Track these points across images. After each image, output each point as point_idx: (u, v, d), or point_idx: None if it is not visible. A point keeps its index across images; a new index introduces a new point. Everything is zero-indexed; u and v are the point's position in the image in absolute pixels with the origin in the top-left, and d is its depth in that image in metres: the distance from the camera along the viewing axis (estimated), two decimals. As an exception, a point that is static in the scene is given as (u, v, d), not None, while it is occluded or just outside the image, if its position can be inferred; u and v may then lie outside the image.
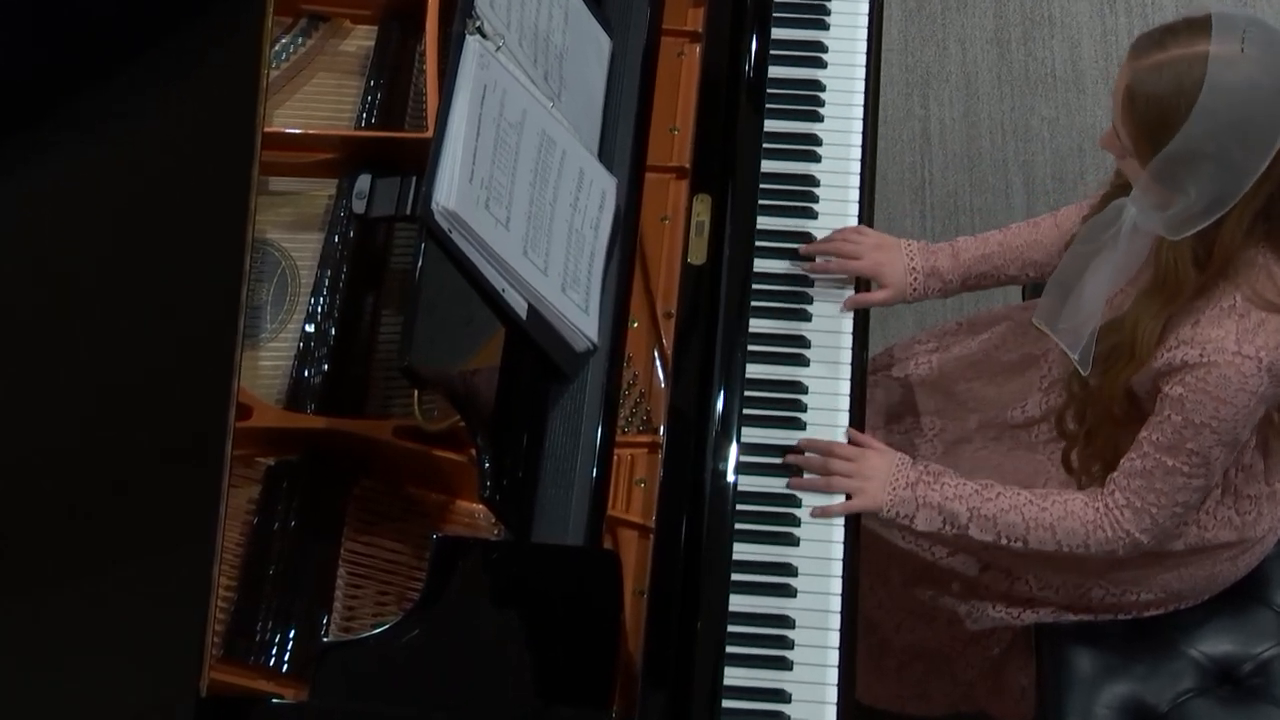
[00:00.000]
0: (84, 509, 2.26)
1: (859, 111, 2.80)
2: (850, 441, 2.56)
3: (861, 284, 2.69)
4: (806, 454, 2.54)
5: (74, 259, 2.41)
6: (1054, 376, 2.68)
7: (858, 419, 2.58)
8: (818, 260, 2.67)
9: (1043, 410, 2.69)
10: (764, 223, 2.68)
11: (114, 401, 2.31)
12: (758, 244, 2.66)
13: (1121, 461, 2.48)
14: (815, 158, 2.76)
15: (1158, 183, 2.31)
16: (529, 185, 2.38)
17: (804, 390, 2.59)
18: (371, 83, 2.71)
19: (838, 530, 2.49)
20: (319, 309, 2.55)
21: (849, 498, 2.52)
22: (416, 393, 2.43)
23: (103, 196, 2.44)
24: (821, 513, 2.50)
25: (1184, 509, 2.49)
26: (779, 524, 2.49)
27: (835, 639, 2.42)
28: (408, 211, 2.45)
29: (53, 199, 2.45)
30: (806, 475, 2.53)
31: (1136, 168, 2.33)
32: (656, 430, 2.46)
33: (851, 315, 2.65)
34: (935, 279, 2.69)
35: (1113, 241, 2.43)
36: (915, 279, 2.68)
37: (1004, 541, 2.53)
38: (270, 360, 2.53)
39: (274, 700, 2.25)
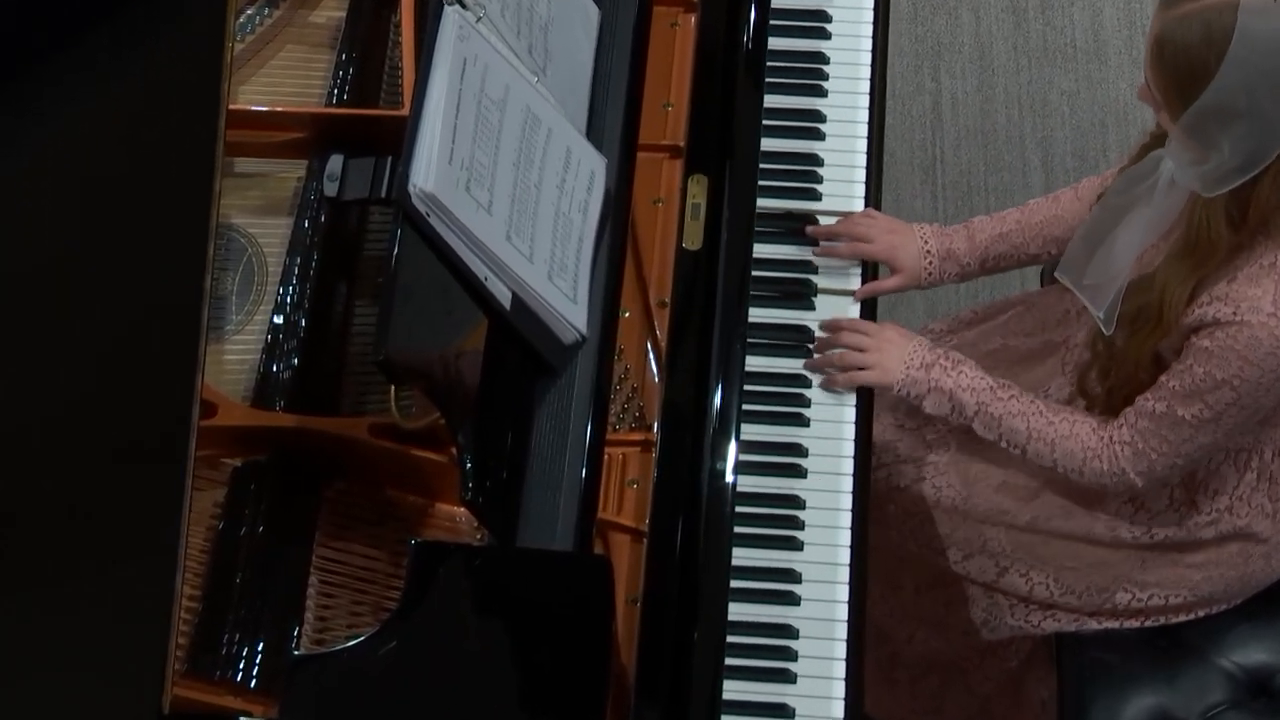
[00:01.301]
0: (33, 514, 2.25)
1: (865, 85, 2.80)
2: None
3: (868, 273, 2.70)
4: (823, 335, 2.61)
5: (24, 248, 2.40)
6: (1077, 359, 2.69)
7: (864, 414, 2.59)
8: (826, 244, 2.67)
9: (1068, 395, 2.70)
10: (764, 205, 2.68)
11: (67, 400, 2.31)
12: (757, 228, 2.65)
13: (1137, 399, 2.51)
14: (819, 135, 2.76)
15: (1189, 138, 2.33)
16: (512, 166, 2.38)
17: (807, 384, 2.59)
18: (343, 56, 2.71)
19: (844, 534, 2.49)
20: (288, 299, 2.54)
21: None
22: (393, 388, 2.43)
23: (53, 181, 2.43)
24: (829, 382, 2.57)
25: (1186, 462, 2.52)
26: (781, 527, 2.49)
27: (842, 650, 2.42)
28: (383, 194, 2.45)
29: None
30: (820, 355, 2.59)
31: (1170, 121, 2.35)
32: (650, 427, 2.45)
33: (859, 303, 2.65)
34: (951, 262, 2.70)
35: (1147, 195, 2.45)
36: (930, 262, 2.70)
37: (1003, 444, 2.59)
38: (236, 354, 2.53)
39: (241, 718, 2.25)
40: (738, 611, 2.41)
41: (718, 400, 2.50)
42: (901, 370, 2.57)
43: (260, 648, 2.32)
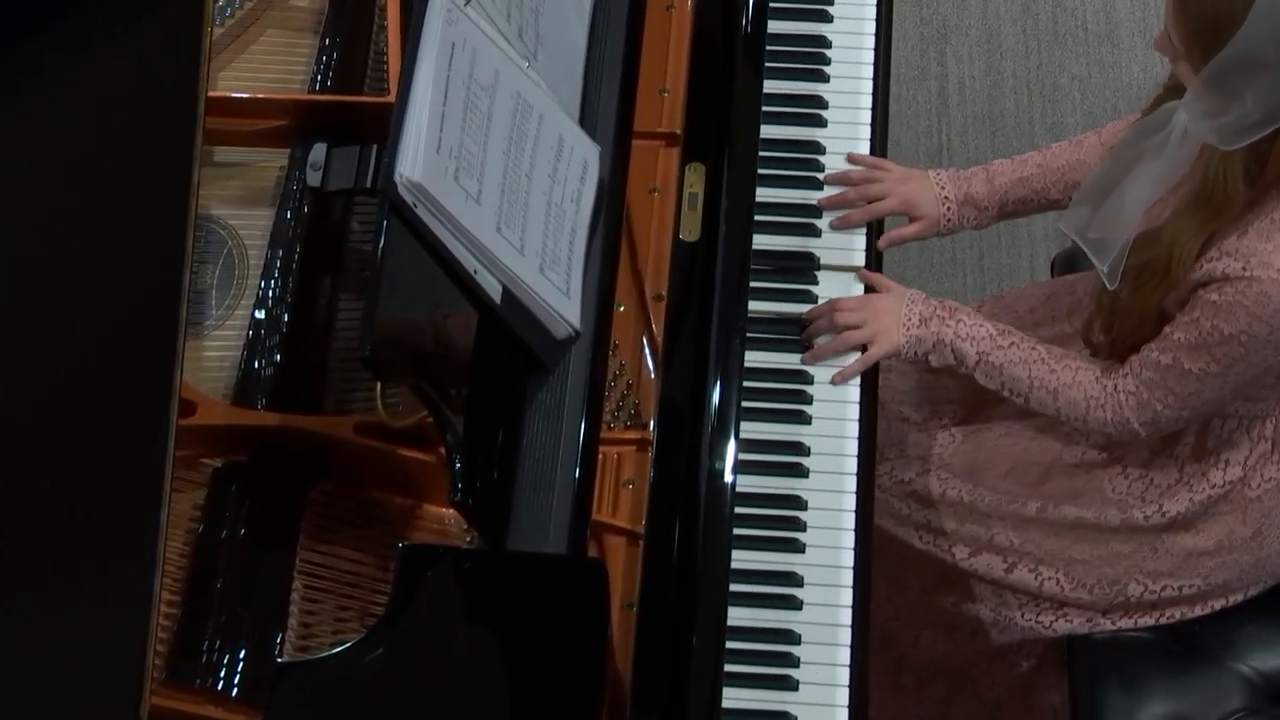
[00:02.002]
0: (6, 517, 2.25)
1: (869, 70, 2.79)
2: (864, 283, 2.64)
3: (872, 252, 2.70)
4: (814, 322, 2.61)
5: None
6: (1083, 313, 2.71)
7: (869, 409, 2.59)
8: (841, 216, 2.69)
9: None
10: (764, 194, 2.68)
11: (40, 398, 2.30)
12: (757, 218, 2.65)
13: (1143, 349, 2.53)
14: (820, 122, 2.76)
15: (1210, 90, 2.34)
16: (502, 154, 2.37)
17: (809, 380, 2.59)
18: (327, 41, 2.71)
19: (847, 536, 2.49)
20: (270, 293, 2.54)
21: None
22: (379, 385, 2.43)
23: (23, 171, 2.42)
24: (841, 377, 2.57)
25: (1192, 414, 2.55)
26: (782, 528, 2.49)
27: (845, 655, 2.42)
28: (368, 184, 2.44)
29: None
30: (817, 342, 2.60)
31: (1189, 72, 2.36)
32: (646, 425, 2.45)
33: (864, 288, 2.65)
34: (970, 207, 2.74)
35: (1158, 147, 2.46)
36: (949, 208, 2.73)
37: (1006, 393, 2.62)
38: (216, 350, 2.52)
39: (222, 728, 2.25)
40: (737, 616, 2.41)
41: (716, 397, 2.49)
42: (903, 333, 2.59)
43: (242, 655, 2.31)
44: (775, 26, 2.79)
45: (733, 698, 2.37)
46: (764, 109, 2.73)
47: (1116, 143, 2.57)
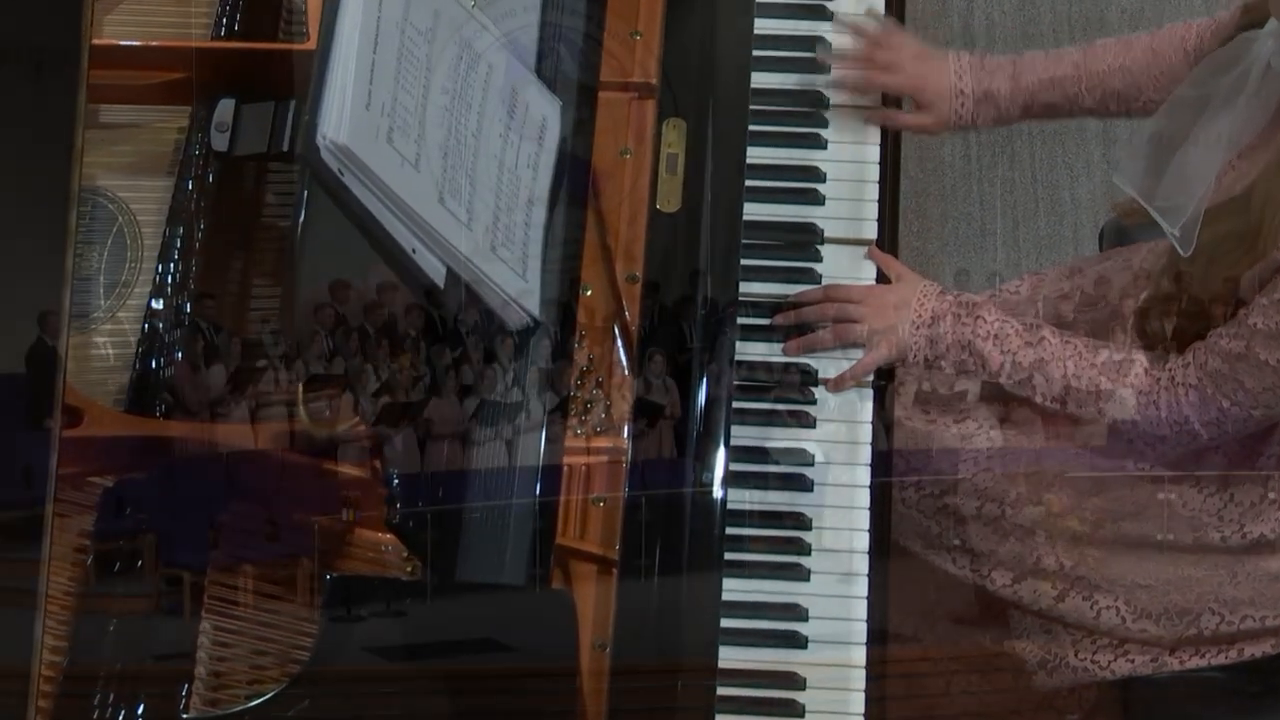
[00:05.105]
0: None
1: (879, 5, 2.80)
2: (874, 264, 2.64)
3: (884, 211, 2.71)
4: (801, 308, 2.61)
5: None
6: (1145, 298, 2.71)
7: (885, 409, 2.59)
8: (838, 74, 2.72)
9: None
10: (756, 155, 2.68)
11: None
12: (748, 183, 2.66)
13: (1209, 335, 2.53)
14: (823, 69, 2.76)
15: None
16: (445, 112, 2.38)
17: (812, 377, 2.59)
18: (233, -22, 2.71)
19: (860, 560, 2.49)
20: (169, 279, 2.54)
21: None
22: (301, 387, 2.43)
23: None
24: (836, 384, 2.57)
25: (1263, 415, 2.55)
26: (783, 552, 2.50)
27: (859, 703, 2.43)
28: (284, 148, 2.45)
29: None
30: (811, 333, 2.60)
31: None
32: (619, 431, 2.45)
33: (876, 268, 2.65)
34: (989, 104, 2.76)
35: (1233, 91, 2.46)
36: (963, 104, 2.75)
37: (1039, 399, 2.61)
38: (106, 348, 2.52)
39: (118, 799, 2.25)
40: (731, 657, 2.42)
41: (702, 397, 2.50)
42: (911, 332, 2.59)
43: (140, 711, 2.32)
44: (768, -46, 2.80)
45: (726, 754, 2.39)
46: (754, 53, 2.73)
47: (1184, 83, 2.56)
